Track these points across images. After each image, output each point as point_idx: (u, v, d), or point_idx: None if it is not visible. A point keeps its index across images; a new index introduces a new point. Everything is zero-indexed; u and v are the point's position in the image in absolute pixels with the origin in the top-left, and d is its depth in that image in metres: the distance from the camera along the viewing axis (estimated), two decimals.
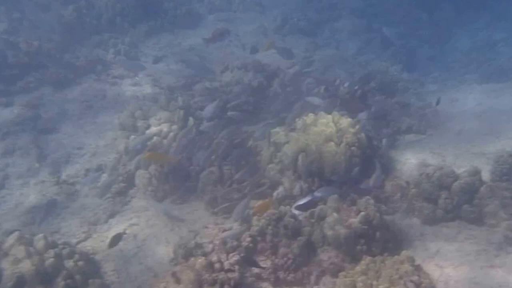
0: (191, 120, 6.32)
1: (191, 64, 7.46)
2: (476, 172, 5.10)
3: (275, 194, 5.19)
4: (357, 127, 5.62)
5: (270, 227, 4.39)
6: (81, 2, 9.58)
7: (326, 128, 5.53)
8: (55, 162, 5.97)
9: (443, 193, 5.00)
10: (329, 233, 4.35)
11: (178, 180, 5.40)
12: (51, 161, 6.02)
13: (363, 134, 5.61)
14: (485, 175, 5.16)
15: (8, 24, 9.38)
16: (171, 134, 6.16)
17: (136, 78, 8.39)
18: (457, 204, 4.93)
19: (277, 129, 5.86)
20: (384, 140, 6.10)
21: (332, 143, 5.36)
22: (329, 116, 5.70)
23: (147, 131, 6.19)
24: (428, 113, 7.70)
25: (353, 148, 5.37)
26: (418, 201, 5.08)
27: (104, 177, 5.67)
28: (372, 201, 4.59)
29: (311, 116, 5.79)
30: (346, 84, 6.79)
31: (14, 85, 7.50)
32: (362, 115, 5.98)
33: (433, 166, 5.35)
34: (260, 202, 4.56)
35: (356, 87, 6.72)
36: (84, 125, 6.76)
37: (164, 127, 6.25)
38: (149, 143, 5.83)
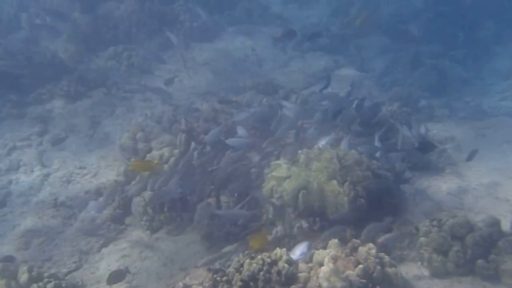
0: (193, 146, 6.25)
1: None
2: (495, 223, 4.79)
3: (273, 232, 5.04)
4: (364, 164, 5.37)
5: (262, 273, 4.24)
6: (99, 11, 9.72)
7: (329, 165, 5.30)
8: (56, 182, 6.00)
9: (455, 245, 4.71)
10: (324, 284, 4.17)
11: (174, 210, 5.32)
12: (53, 180, 6.05)
13: (370, 173, 5.32)
14: (506, 225, 4.82)
15: (28, 31, 9.64)
16: (172, 159, 6.12)
17: (147, 93, 8.42)
18: (470, 258, 4.64)
19: (279, 161, 5.69)
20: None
21: (335, 182, 5.13)
22: (334, 151, 5.47)
23: (148, 155, 6.16)
24: (449, 148, 7.32)
25: (358, 188, 5.12)
26: (427, 251, 4.83)
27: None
28: (373, 251, 4.37)
29: (315, 149, 5.61)
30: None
31: (27, 96, 7.69)
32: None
33: (446, 212, 5.07)
34: (254, 237, 4.46)
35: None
36: (89, 143, 6.79)
37: (166, 151, 6.21)
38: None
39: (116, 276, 4.31)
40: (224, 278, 4.31)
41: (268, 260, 4.34)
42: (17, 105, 7.42)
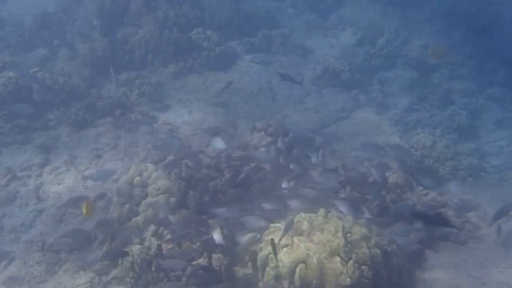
0: (190, 196, 6.31)
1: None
2: None
3: None
4: (372, 241, 5.11)
5: None
6: (117, 35, 9.98)
7: (333, 238, 5.00)
8: (49, 220, 6.18)
9: None
10: None
11: (162, 270, 5.37)
12: (45, 217, 6.23)
13: (378, 250, 5.08)
14: None
15: (47, 51, 10.00)
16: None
17: (154, 125, 8.57)
18: None
19: (279, 224, 5.45)
20: None
21: (338, 259, 4.83)
22: (340, 224, 5.19)
23: (143, 201, 6.26)
24: (473, 217, 6.86)
25: (363, 267, 4.87)
26: None
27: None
28: None
29: (320, 216, 5.40)
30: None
31: (35, 122, 7.96)
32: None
33: None
34: None
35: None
36: (87, 178, 6.96)
37: (162, 199, 6.29)
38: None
39: None
40: None
41: None
42: (24, 130, 7.68)
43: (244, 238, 5.69)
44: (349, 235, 5.12)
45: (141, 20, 10.20)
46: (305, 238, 5.09)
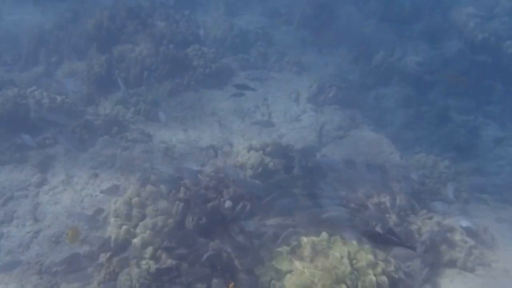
0: (188, 219, 6.46)
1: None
2: None
3: None
4: (379, 268, 5.17)
5: None
6: (114, 53, 10.20)
7: (339, 265, 5.03)
8: (45, 241, 6.31)
9: None
10: None
11: None
12: (42, 238, 6.36)
13: (385, 278, 5.14)
14: None
15: (45, 68, 10.20)
16: (165, 229, 6.33)
17: (150, 143, 8.75)
18: None
19: (282, 249, 5.48)
20: None
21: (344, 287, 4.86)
22: (345, 249, 5.27)
23: (141, 223, 6.40)
24: (481, 241, 6.81)
25: None
26: None
27: None
28: None
29: (323, 241, 5.44)
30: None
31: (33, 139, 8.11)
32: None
33: None
34: None
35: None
36: (84, 198, 7.11)
37: (159, 221, 6.43)
38: None
39: None
40: None
41: None
42: (21, 148, 7.85)
43: None
44: (354, 261, 5.14)
45: (137, 38, 10.43)
46: (308, 263, 5.11)
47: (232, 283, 5.10)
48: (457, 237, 6.69)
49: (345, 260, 5.06)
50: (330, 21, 14.43)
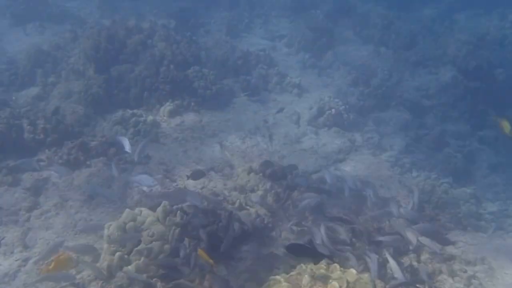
0: (186, 241, 5.97)
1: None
2: None
3: None
4: None
5: None
6: (113, 73, 9.81)
7: None
8: (33, 270, 5.74)
9: None
10: None
11: None
12: (31, 267, 5.79)
13: None
14: None
15: (41, 88, 9.77)
16: (161, 256, 5.82)
17: (148, 165, 8.27)
18: None
19: (279, 277, 5.14)
20: None
21: None
22: (343, 278, 4.88)
23: (135, 249, 5.87)
24: (479, 272, 6.44)
25: None
26: None
27: None
28: None
29: (321, 269, 5.05)
30: None
31: (25, 162, 7.59)
32: None
33: None
34: None
35: None
36: (78, 222, 6.57)
37: (155, 247, 5.91)
38: None
39: None
40: None
41: None
42: (13, 170, 7.33)
43: None
44: None
45: (137, 58, 10.07)
46: None
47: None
48: (456, 266, 6.41)
49: None
50: (329, 44, 14.30)
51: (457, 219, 8.47)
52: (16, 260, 5.89)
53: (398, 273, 5.59)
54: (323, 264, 5.20)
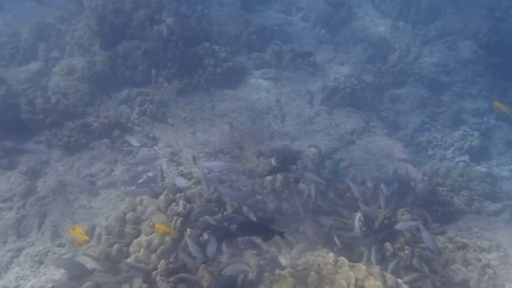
0: (188, 233, 5.27)
1: None
2: None
3: None
4: None
5: None
6: (119, 49, 8.94)
7: None
8: (27, 261, 5.12)
9: None
10: None
11: None
12: (24, 258, 5.17)
13: None
14: None
15: (43, 63, 8.97)
16: (162, 247, 5.13)
17: (155, 147, 7.53)
18: None
19: (284, 272, 4.54)
20: None
21: None
22: (352, 275, 4.28)
23: (135, 240, 5.20)
24: (494, 259, 5.80)
25: None
26: None
27: None
28: None
29: (329, 265, 4.46)
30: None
31: (23, 144, 6.91)
32: None
33: None
34: None
35: None
36: (77, 210, 5.90)
37: (155, 238, 5.22)
38: None
39: None
40: None
41: None
42: (11, 152, 6.62)
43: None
44: None
45: (144, 33, 9.14)
46: None
47: None
48: (470, 255, 5.69)
49: None
50: (346, 19, 13.10)
51: (472, 201, 7.74)
52: (9, 251, 5.28)
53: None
54: (330, 259, 4.55)
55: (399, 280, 4.72)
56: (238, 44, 11.08)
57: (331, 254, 4.73)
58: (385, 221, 5.54)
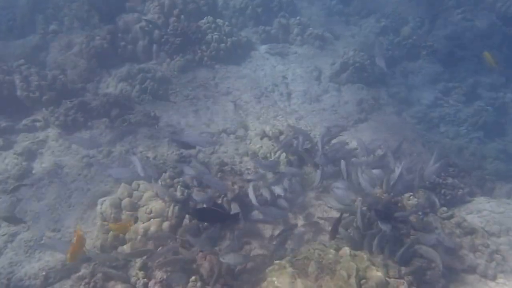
0: (187, 220, 4.96)
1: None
2: None
3: None
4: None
5: None
6: (119, 23, 8.39)
7: (345, 285, 3.82)
8: (21, 247, 4.88)
9: None
10: None
11: None
12: (19, 243, 4.92)
13: None
14: None
15: (41, 37, 8.48)
16: (159, 234, 4.84)
17: (156, 126, 7.13)
18: None
19: (284, 261, 4.19)
20: None
21: None
22: (352, 265, 3.97)
23: (133, 228, 4.90)
24: (503, 244, 5.50)
25: None
26: None
27: None
28: None
29: (330, 254, 4.12)
30: None
31: (19, 122, 6.57)
32: None
33: None
34: None
35: None
36: (72, 194, 5.59)
37: (153, 225, 4.92)
38: None
39: None
40: None
41: None
42: (5, 132, 6.30)
43: None
44: (364, 280, 3.90)
45: (145, 6, 8.55)
46: (312, 283, 3.90)
47: None
48: (478, 241, 5.32)
49: (352, 281, 3.86)
50: None
51: (484, 182, 7.21)
52: (3, 235, 5.04)
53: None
54: (331, 248, 4.22)
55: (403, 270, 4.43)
56: (244, 17, 10.41)
57: (332, 242, 4.43)
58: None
